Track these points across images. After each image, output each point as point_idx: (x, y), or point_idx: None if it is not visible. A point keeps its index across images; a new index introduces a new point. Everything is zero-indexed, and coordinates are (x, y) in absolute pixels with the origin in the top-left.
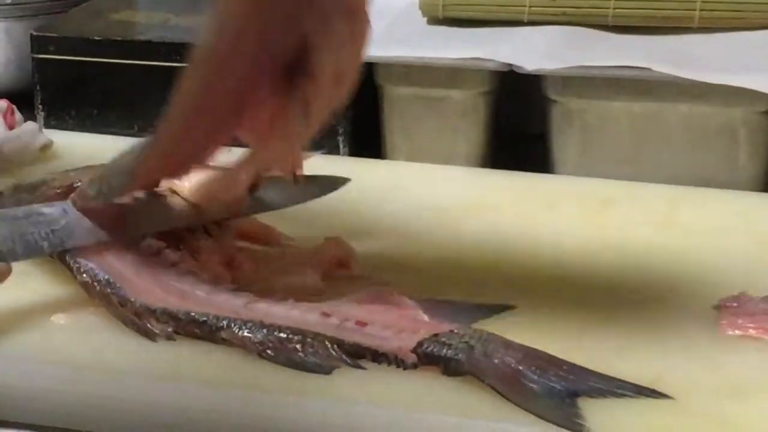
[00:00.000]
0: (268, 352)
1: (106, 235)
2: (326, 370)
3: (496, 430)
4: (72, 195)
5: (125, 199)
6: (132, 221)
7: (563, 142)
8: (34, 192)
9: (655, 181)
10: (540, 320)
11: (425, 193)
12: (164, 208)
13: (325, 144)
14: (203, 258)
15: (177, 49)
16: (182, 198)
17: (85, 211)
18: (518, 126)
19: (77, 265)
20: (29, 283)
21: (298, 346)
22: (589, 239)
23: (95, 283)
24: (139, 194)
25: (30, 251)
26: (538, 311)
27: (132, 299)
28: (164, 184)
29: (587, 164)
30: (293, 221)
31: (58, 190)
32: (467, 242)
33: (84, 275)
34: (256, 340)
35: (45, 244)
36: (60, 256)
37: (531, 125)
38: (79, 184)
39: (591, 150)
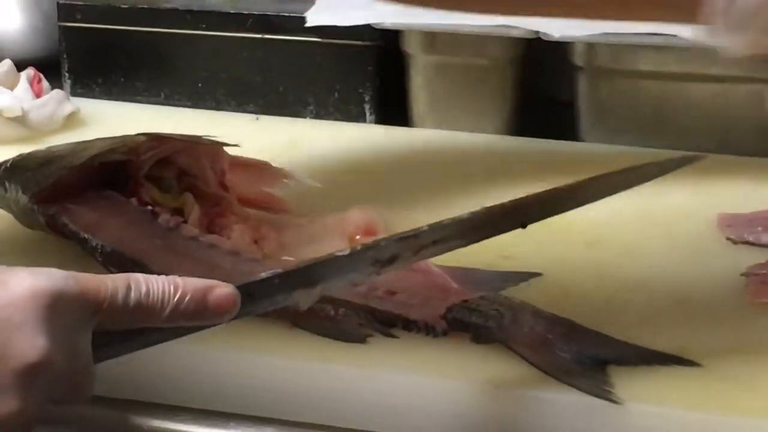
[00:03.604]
0: (301, 321)
1: None
2: (359, 339)
3: (526, 398)
4: None
5: None
6: None
7: (590, 109)
8: (40, 170)
9: (681, 149)
10: (567, 288)
11: (452, 160)
12: None
13: (352, 111)
14: (235, 236)
15: (203, 17)
16: None
17: None
18: (545, 93)
19: (96, 245)
20: None
21: (330, 314)
22: (615, 207)
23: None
24: None
25: None
26: (565, 279)
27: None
28: None
29: (613, 131)
30: (320, 191)
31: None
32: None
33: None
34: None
35: None
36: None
37: (558, 92)
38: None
39: (617, 117)
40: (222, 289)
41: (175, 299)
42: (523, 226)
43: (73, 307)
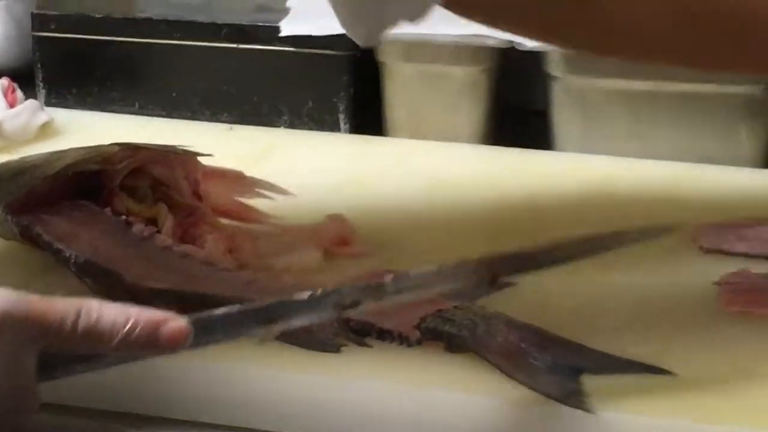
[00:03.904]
0: None
1: None
2: (333, 348)
3: (500, 407)
4: None
5: None
6: None
7: (564, 118)
8: (14, 180)
9: (656, 158)
10: (541, 298)
11: (427, 169)
12: None
13: (327, 121)
14: (209, 246)
15: (177, 27)
16: None
17: None
18: (520, 103)
19: (69, 255)
20: None
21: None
22: (590, 216)
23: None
24: None
25: None
26: (539, 289)
27: (132, 282)
28: None
29: (588, 141)
30: (294, 200)
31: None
32: (469, 219)
33: (76, 267)
34: None
35: None
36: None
37: (532, 102)
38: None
39: (591, 127)
40: (175, 323)
41: (126, 329)
42: (493, 282)
43: (18, 329)
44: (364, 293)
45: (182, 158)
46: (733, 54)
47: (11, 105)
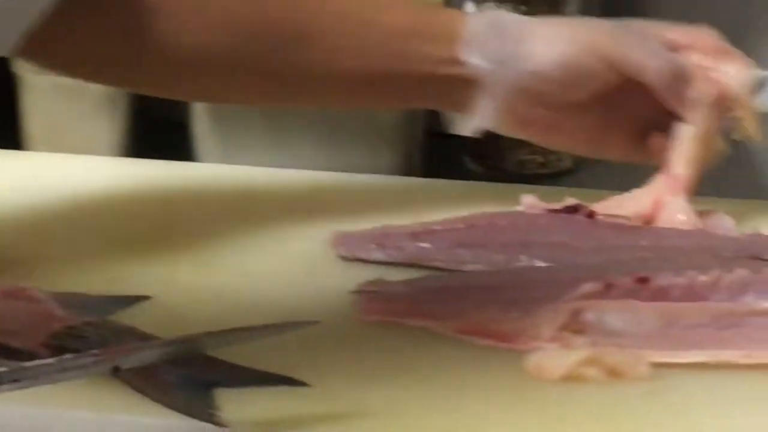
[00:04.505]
0: None
1: None
2: None
3: (134, 425)
4: None
5: None
6: None
7: (203, 130)
8: None
9: (296, 167)
10: (176, 311)
11: (66, 184)
12: None
13: None
14: None
15: None
16: None
17: None
18: (162, 115)
19: None
20: None
21: None
22: (231, 226)
23: None
24: None
25: None
26: (174, 302)
27: None
28: None
29: (228, 152)
30: None
31: None
32: (107, 231)
33: None
34: None
35: None
36: None
37: (175, 114)
38: None
39: (230, 138)
40: None
41: None
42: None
43: None
44: None
45: None
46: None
47: None
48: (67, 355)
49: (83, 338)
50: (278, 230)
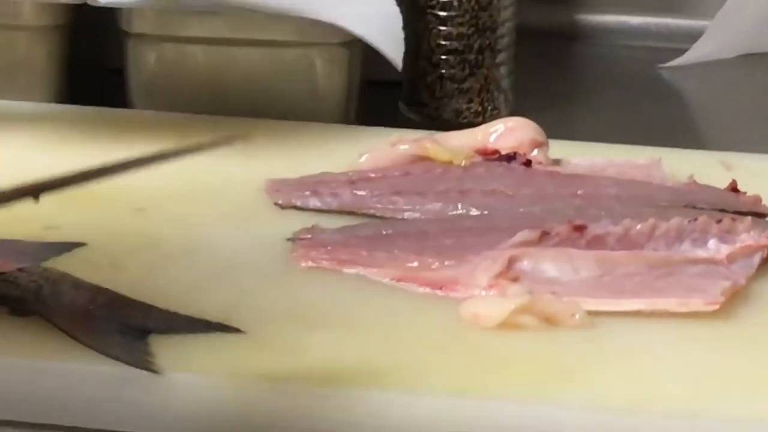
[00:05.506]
0: None
1: None
2: None
3: (67, 371)
4: None
5: None
6: None
7: (138, 76)
8: None
9: (232, 115)
10: (111, 258)
11: None
12: None
13: None
14: None
15: None
16: None
17: None
18: (95, 61)
19: None
20: None
21: None
22: (164, 174)
23: None
24: None
25: None
26: (109, 249)
27: None
28: None
29: (163, 98)
30: None
31: None
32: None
33: None
34: None
35: None
36: None
37: (108, 59)
38: None
39: (166, 84)
40: None
41: None
42: (36, 198)
43: None
44: None
45: None
46: None
47: None
48: None
49: (16, 284)
50: (214, 177)
